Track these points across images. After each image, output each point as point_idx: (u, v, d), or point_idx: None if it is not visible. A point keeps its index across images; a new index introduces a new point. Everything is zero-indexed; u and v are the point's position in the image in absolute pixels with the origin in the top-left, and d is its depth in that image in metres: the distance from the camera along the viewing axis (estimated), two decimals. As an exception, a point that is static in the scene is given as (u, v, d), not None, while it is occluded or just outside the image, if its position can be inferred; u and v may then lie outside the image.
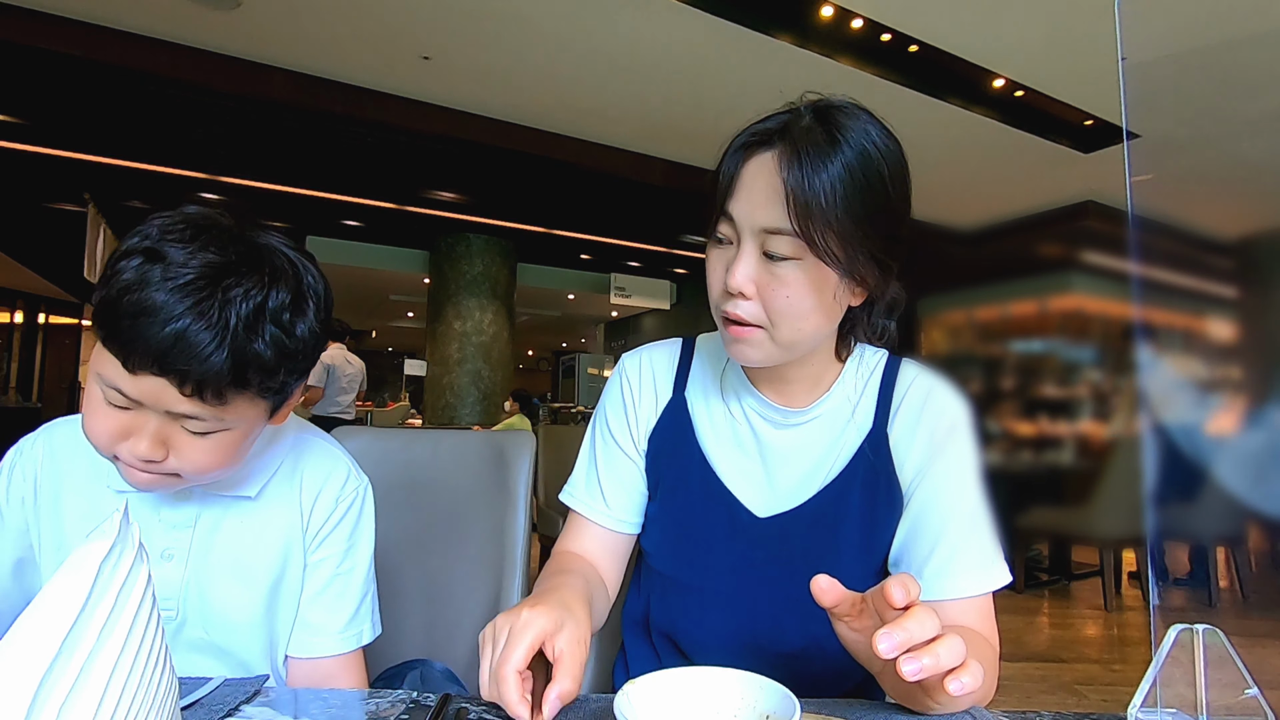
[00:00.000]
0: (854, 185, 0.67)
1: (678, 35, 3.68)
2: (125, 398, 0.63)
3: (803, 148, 0.67)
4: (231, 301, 0.61)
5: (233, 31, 3.76)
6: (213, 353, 0.60)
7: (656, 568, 0.86)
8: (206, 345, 0.60)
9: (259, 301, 0.63)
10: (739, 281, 0.71)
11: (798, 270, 0.70)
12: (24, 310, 10.03)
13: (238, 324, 0.61)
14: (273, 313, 0.64)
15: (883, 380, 0.82)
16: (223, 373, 0.61)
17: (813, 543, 0.79)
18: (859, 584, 0.77)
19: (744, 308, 0.72)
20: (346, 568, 0.81)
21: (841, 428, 0.81)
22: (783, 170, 0.68)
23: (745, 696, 0.52)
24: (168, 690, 0.44)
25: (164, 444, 0.65)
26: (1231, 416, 0.88)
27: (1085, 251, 3.78)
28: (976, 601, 0.74)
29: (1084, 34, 3.45)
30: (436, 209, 6.43)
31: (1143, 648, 3.24)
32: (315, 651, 0.78)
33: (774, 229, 0.68)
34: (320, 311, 0.70)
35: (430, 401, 7.24)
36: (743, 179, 0.71)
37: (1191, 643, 0.50)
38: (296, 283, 0.67)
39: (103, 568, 0.38)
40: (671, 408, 0.88)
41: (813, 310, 0.72)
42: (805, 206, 0.66)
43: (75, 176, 5.50)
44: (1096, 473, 3.33)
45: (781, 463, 0.82)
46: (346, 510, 0.82)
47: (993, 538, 0.76)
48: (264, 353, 0.63)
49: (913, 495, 0.78)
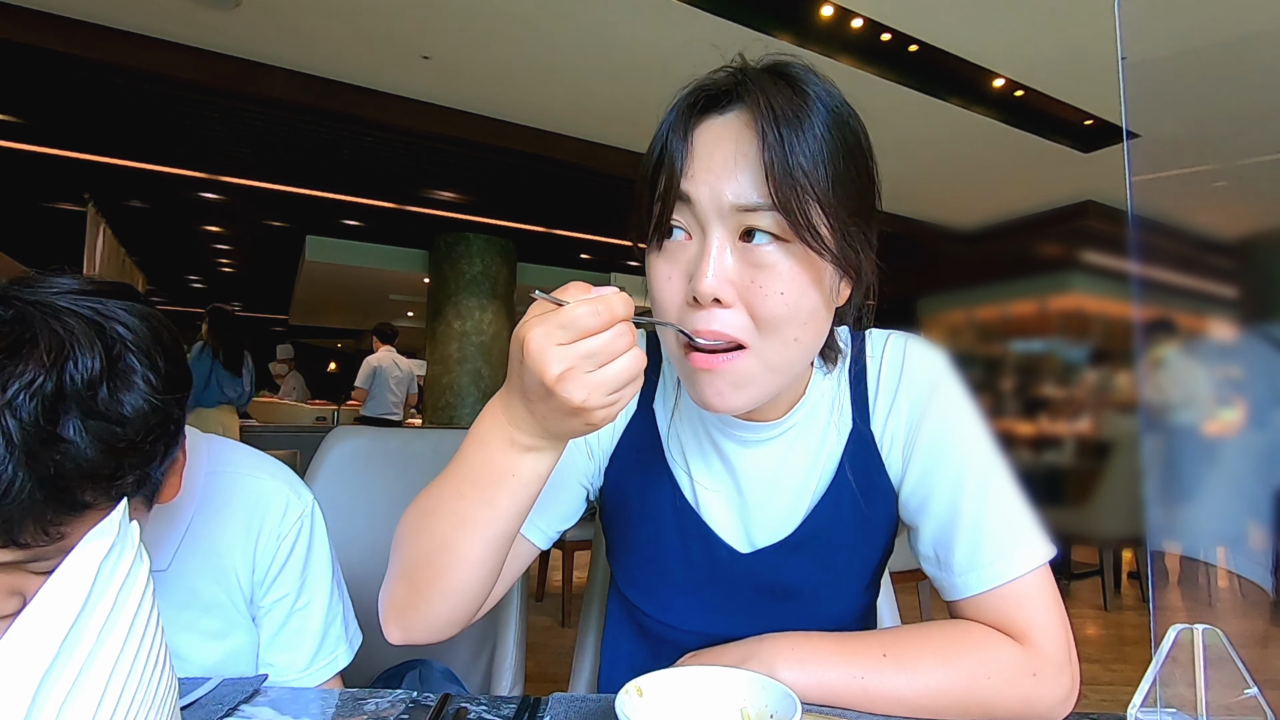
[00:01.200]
0: (833, 148, 0.55)
1: (678, 35, 3.68)
2: None
3: (774, 105, 0.54)
4: (7, 406, 0.44)
5: (232, 31, 3.76)
6: (1, 488, 0.43)
7: (630, 598, 0.77)
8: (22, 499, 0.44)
9: (50, 390, 0.45)
10: (712, 283, 0.54)
11: (787, 257, 0.55)
12: (24, 310, 10.02)
13: (24, 434, 0.44)
14: (76, 397, 0.46)
15: (852, 367, 0.71)
16: (30, 506, 0.45)
17: (806, 574, 0.69)
18: (854, 600, 0.73)
19: (722, 319, 0.55)
20: (302, 603, 0.74)
21: (820, 434, 0.70)
22: (756, 130, 0.54)
23: (746, 696, 0.51)
24: (167, 690, 0.44)
25: (18, 593, 0.50)
26: (1232, 416, 0.88)
27: (1085, 251, 3.77)
28: (1017, 588, 0.61)
29: (1084, 34, 3.45)
30: (436, 209, 6.43)
31: (1143, 648, 3.24)
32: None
33: (750, 205, 0.54)
34: (156, 368, 0.52)
35: (430, 401, 7.23)
36: (697, 149, 0.56)
37: (1191, 643, 0.50)
38: (102, 344, 0.49)
39: (102, 567, 0.38)
40: (637, 423, 0.74)
41: (811, 312, 0.57)
42: (787, 173, 0.52)
43: (75, 176, 5.50)
44: (1096, 473, 3.33)
45: (759, 488, 0.70)
46: (293, 545, 0.73)
47: (1018, 504, 0.64)
48: (80, 456, 0.46)
49: (912, 482, 0.68)
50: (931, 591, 2.44)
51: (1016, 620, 0.62)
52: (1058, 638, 0.61)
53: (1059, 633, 0.62)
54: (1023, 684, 0.60)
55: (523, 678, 1.06)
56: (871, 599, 0.77)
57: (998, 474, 0.65)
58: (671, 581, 0.73)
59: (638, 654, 0.77)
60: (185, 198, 6.08)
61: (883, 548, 0.73)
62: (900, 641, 0.63)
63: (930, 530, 0.67)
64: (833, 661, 0.61)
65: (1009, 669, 0.60)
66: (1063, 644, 0.61)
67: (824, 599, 0.71)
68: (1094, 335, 3.39)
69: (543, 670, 2.74)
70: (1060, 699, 0.61)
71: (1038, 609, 0.62)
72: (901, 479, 0.69)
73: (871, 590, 0.75)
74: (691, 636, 0.71)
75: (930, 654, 0.61)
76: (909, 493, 0.69)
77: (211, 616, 0.71)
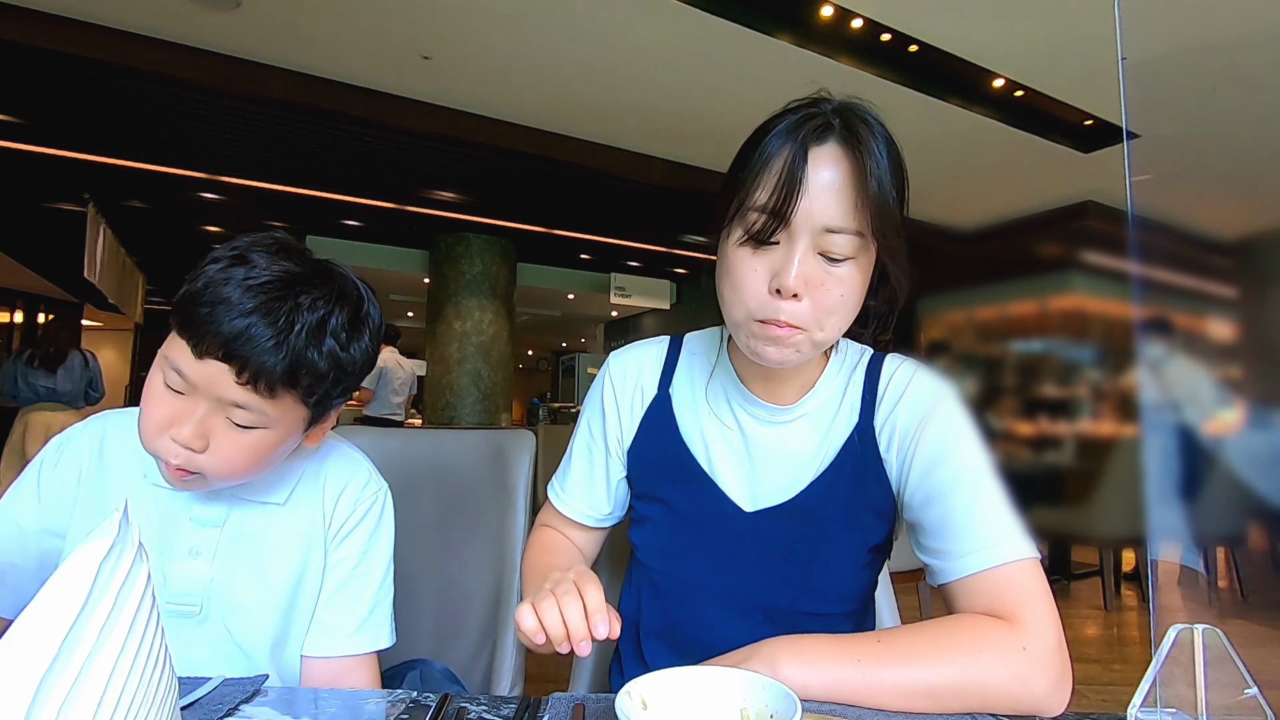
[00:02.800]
0: (898, 180, 0.68)
1: (678, 35, 3.68)
2: (184, 381, 0.67)
3: (863, 143, 0.66)
4: (299, 308, 0.68)
5: (233, 31, 3.76)
6: (273, 348, 0.66)
7: (646, 563, 0.87)
8: (268, 340, 0.65)
9: (323, 314, 0.69)
10: (795, 284, 0.66)
11: (853, 269, 0.69)
12: (24, 310, 10.03)
13: (301, 329, 0.67)
14: (333, 328, 0.70)
15: (867, 374, 0.82)
16: (277, 369, 0.66)
17: (799, 537, 0.79)
18: (846, 574, 0.81)
19: (791, 310, 0.68)
20: (363, 569, 0.83)
21: (829, 423, 0.80)
22: (859, 170, 0.65)
23: (746, 696, 0.52)
24: (167, 690, 0.44)
25: (205, 435, 0.68)
26: (1232, 416, 0.88)
27: (1085, 251, 3.76)
28: (1008, 572, 0.67)
29: (1084, 34, 3.45)
30: (436, 209, 6.42)
31: (1142, 648, 3.24)
32: (329, 651, 0.80)
33: (838, 228, 0.66)
34: (374, 340, 0.76)
35: (430, 401, 7.23)
36: (809, 176, 0.66)
37: (1191, 643, 0.50)
38: (358, 308, 0.74)
39: (102, 567, 0.38)
40: (656, 405, 0.87)
41: (855, 307, 0.71)
42: (884, 209, 0.66)
43: (75, 176, 5.50)
44: (1096, 473, 3.33)
45: (769, 459, 0.81)
46: (365, 512, 0.85)
47: (1005, 508, 0.71)
48: (318, 361, 0.69)
49: (915, 481, 0.75)
50: (932, 592, 2.45)
51: (1006, 601, 0.66)
52: (1047, 619, 0.65)
53: (1049, 615, 0.65)
54: (1014, 658, 0.62)
55: (523, 678, 1.06)
56: (868, 583, 0.83)
57: (990, 481, 0.72)
58: (683, 536, 0.83)
59: (652, 610, 0.86)
60: (185, 198, 6.08)
61: (875, 532, 0.80)
62: (896, 633, 0.68)
63: (927, 523, 0.73)
64: (832, 653, 0.64)
65: (1000, 644, 0.63)
66: (1052, 625, 0.65)
67: (818, 563, 0.80)
68: (1094, 335, 3.40)
69: (543, 670, 2.73)
70: (1053, 681, 0.62)
71: (1027, 592, 0.66)
72: (904, 478, 0.76)
73: (867, 572, 0.82)
74: (704, 592, 0.81)
75: (925, 640, 0.64)
76: (912, 490, 0.75)
77: (297, 554, 0.82)
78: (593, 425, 0.90)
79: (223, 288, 0.65)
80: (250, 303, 0.65)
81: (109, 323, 11.65)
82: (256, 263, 0.67)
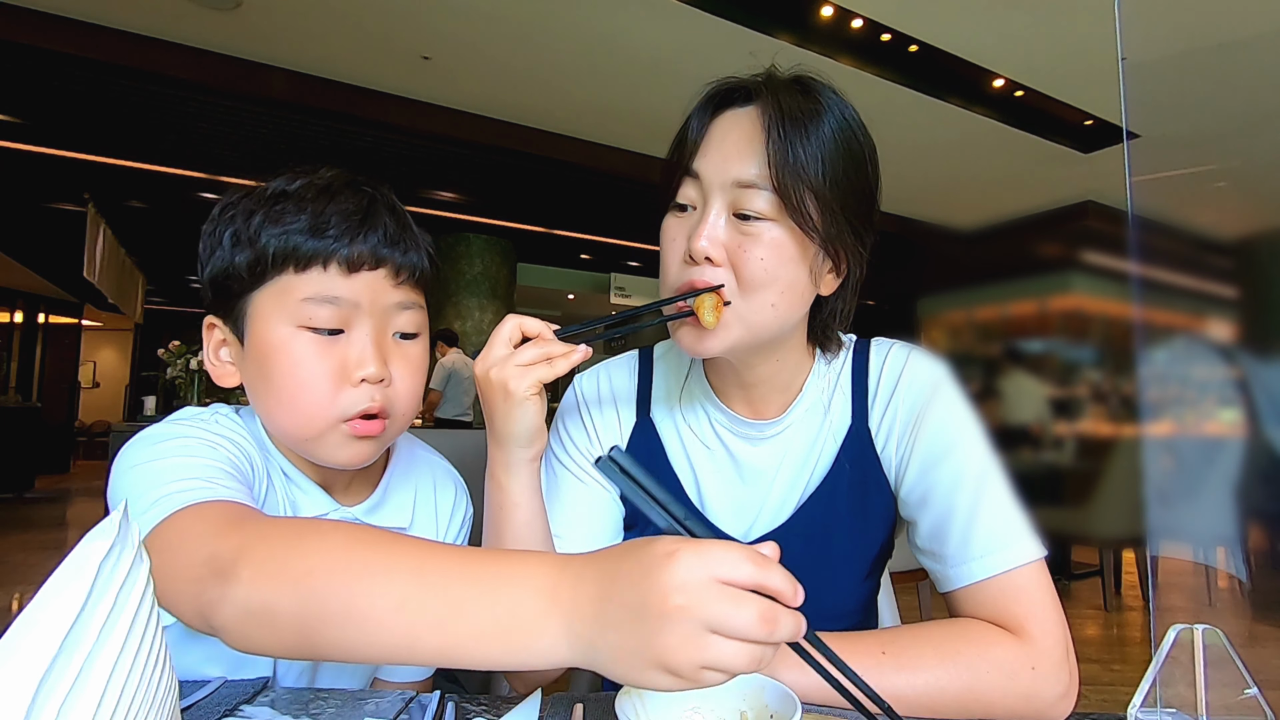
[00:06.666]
0: (836, 151, 0.64)
1: (678, 35, 3.68)
2: (338, 310, 0.64)
3: (785, 104, 0.63)
4: (394, 208, 0.69)
5: (232, 31, 3.76)
6: (411, 240, 0.68)
7: None
8: (403, 234, 0.68)
9: (406, 217, 0.71)
10: (704, 245, 0.63)
11: (773, 230, 0.64)
12: (24, 310, 10.02)
13: (409, 223, 0.70)
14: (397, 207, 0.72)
15: (853, 370, 0.76)
16: (421, 258, 0.69)
17: (802, 558, 0.70)
18: (852, 590, 0.76)
19: (711, 275, 0.64)
20: None
21: (817, 431, 0.75)
22: (764, 123, 0.63)
23: (746, 696, 0.51)
24: (167, 691, 0.44)
25: (384, 360, 0.66)
26: (1231, 416, 0.88)
27: (1085, 251, 3.76)
28: (1014, 579, 0.63)
29: (1084, 34, 3.45)
30: (436, 209, 6.43)
31: (1142, 648, 3.24)
32: (402, 676, 0.80)
33: (747, 182, 0.63)
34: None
35: (430, 401, 7.24)
36: (712, 134, 0.66)
37: (1191, 643, 0.50)
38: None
39: (102, 568, 0.38)
40: (638, 432, 0.80)
41: (789, 283, 0.65)
42: (786, 160, 0.62)
43: (75, 176, 5.50)
44: (1096, 473, 3.33)
45: (760, 480, 0.76)
46: (463, 525, 0.85)
47: (1013, 505, 0.67)
48: (427, 250, 0.71)
49: (912, 478, 0.71)
50: (932, 592, 2.46)
51: (1013, 612, 0.63)
52: (1055, 632, 0.62)
53: (1056, 627, 0.63)
54: (1022, 678, 0.60)
55: (523, 678, 1.05)
56: (871, 591, 0.79)
57: (994, 475, 0.68)
58: None
59: None
60: (185, 198, 6.08)
61: (879, 540, 0.75)
62: (899, 640, 0.64)
63: (928, 523, 0.69)
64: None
65: (1007, 663, 0.61)
66: (1060, 638, 0.62)
67: (821, 585, 0.74)
68: (1094, 335, 3.40)
69: (543, 670, 2.74)
70: (1059, 694, 0.61)
71: (1034, 603, 0.63)
72: (900, 475, 0.72)
73: (870, 581, 0.78)
74: None
75: (929, 651, 0.62)
76: (909, 488, 0.71)
77: None
78: (574, 452, 0.79)
79: (338, 205, 0.65)
80: (373, 210, 0.66)
81: (109, 323, 11.65)
82: (332, 187, 0.67)
